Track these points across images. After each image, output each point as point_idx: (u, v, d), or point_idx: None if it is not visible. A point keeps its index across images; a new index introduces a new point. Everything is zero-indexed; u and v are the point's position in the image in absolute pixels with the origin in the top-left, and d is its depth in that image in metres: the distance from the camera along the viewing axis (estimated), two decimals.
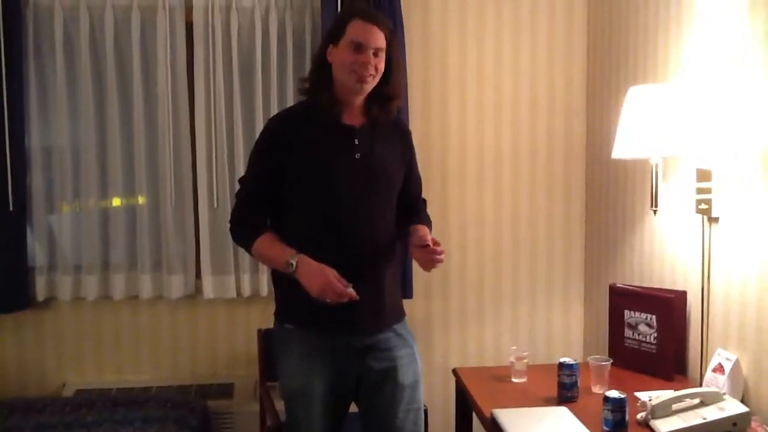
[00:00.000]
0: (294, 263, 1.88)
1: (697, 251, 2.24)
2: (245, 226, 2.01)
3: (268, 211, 2.01)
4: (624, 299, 2.47)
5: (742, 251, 2.03)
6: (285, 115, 2.08)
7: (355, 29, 1.91)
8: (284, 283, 1.98)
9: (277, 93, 3.05)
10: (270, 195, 1.98)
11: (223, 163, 3.06)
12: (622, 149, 2.33)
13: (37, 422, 2.60)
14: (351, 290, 1.85)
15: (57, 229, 3.07)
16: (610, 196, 2.96)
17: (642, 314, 2.39)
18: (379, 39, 1.92)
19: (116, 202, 3.07)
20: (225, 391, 3.06)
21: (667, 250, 2.47)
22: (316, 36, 3.03)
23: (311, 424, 1.96)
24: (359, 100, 1.99)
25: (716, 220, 2.14)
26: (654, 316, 2.35)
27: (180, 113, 3.05)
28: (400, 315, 2.10)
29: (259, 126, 3.03)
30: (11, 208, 2.91)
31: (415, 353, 2.08)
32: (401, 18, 2.98)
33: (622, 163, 2.70)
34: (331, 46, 1.94)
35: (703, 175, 2.16)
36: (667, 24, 2.44)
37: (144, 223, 3.06)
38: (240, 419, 2.96)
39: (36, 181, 3.02)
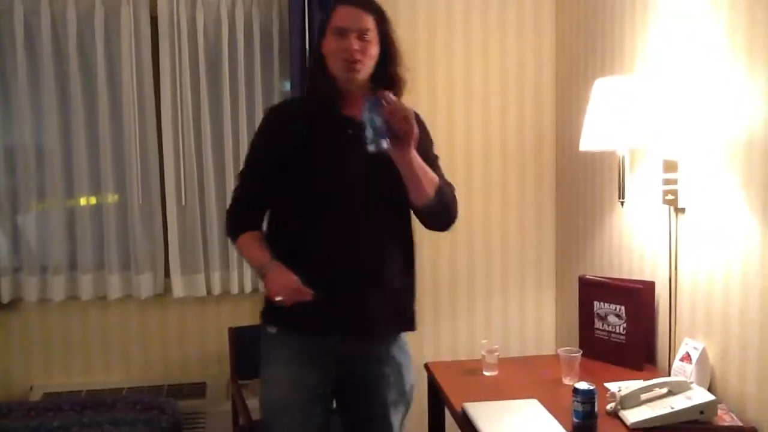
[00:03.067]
0: (265, 269, 1.83)
1: (665, 242, 2.25)
2: (237, 219, 1.97)
3: (265, 207, 1.96)
4: (593, 290, 2.49)
5: (709, 241, 2.05)
6: (284, 105, 2.06)
7: (338, 15, 1.85)
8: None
9: (245, 88, 3.02)
10: (269, 189, 1.91)
11: (191, 160, 3.02)
12: (589, 141, 2.34)
13: (1, 427, 2.54)
14: (306, 288, 1.76)
15: (22, 229, 3.01)
16: (579, 188, 2.97)
17: (611, 305, 2.41)
18: (363, 20, 1.83)
19: (83, 201, 3.02)
20: (197, 390, 3.03)
21: (635, 241, 2.49)
22: (283, 29, 3.00)
23: None
24: (359, 89, 1.86)
25: (683, 210, 2.16)
26: (623, 307, 2.37)
27: (146, 109, 3.00)
28: (400, 327, 1.98)
29: (227, 122, 3.01)
30: None
31: (402, 368, 1.97)
32: None
33: (590, 155, 2.71)
34: (323, 38, 1.89)
35: (670, 166, 2.18)
36: (633, 15, 2.45)
37: (111, 222, 3.01)
38: (212, 419, 2.93)
39: (0, 181, 2.96)
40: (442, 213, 1.92)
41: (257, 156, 1.97)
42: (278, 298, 1.79)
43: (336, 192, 1.85)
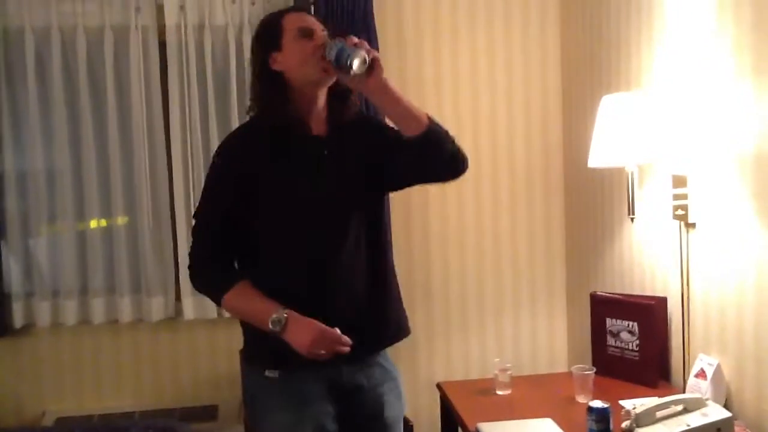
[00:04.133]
0: (283, 320, 1.67)
1: (676, 257, 2.24)
2: (210, 271, 1.78)
3: (234, 250, 1.78)
4: (605, 307, 2.48)
5: (720, 256, 2.04)
6: (239, 139, 1.82)
7: (293, 20, 1.74)
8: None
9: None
10: (233, 230, 1.75)
11: (201, 183, 3.02)
12: (597, 158, 2.34)
13: None
14: (345, 338, 1.68)
15: (34, 253, 3.03)
16: (588, 204, 2.97)
17: (623, 322, 2.39)
18: (318, 23, 1.76)
19: (93, 224, 3.03)
20: (209, 413, 3.02)
21: (645, 256, 2.48)
22: None
23: None
24: (322, 102, 1.77)
25: (693, 225, 2.16)
26: (635, 323, 2.36)
27: (155, 133, 3.03)
28: (398, 338, 1.90)
29: None
30: None
31: (399, 384, 1.93)
32: (375, 35, 2.98)
33: (598, 172, 2.71)
34: (272, 53, 1.73)
35: (679, 181, 2.18)
36: (639, 32, 2.46)
37: (122, 246, 3.03)
38: None
39: (11, 205, 2.99)
40: (446, 141, 1.73)
41: (220, 196, 1.77)
42: (321, 352, 1.67)
43: (314, 220, 1.74)
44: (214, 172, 1.80)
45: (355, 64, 1.58)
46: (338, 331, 1.68)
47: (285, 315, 1.67)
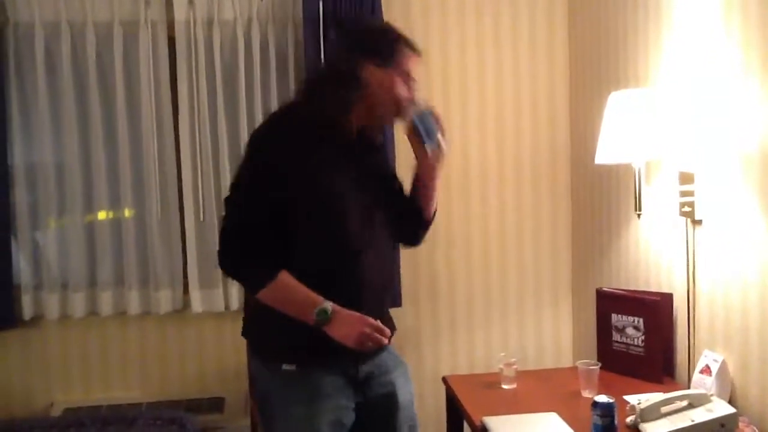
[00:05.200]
0: (329, 313, 1.68)
1: (682, 253, 2.25)
2: (251, 260, 1.73)
3: (270, 241, 1.74)
4: (611, 303, 2.48)
5: (726, 252, 2.04)
6: (281, 130, 1.78)
7: (410, 61, 1.80)
8: (278, 318, 1.74)
9: (261, 105, 3.05)
10: (271, 220, 1.73)
11: (209, 176, 3.05)
12: (604, 154, 2.35)
13: None
14: (387, 330, 1.73)
15: (43, 245, 3.05)
16: (595, 201, 2.97)
17: (629, 317, 2.40)
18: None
19: (102, 216, 3.05)
20: (215, 405, 3.04)
21: (652, 253, 2.49)
22: (298, 48, 3.04)
23: None
24: (355, 128, 1.84)
25: (699, 222, 2.16)
26: (641, 319, 2.36)
27: (164, 127, 3.05)
28: (393, 331, 1.92)
29: (244, 138, 3.04)
30: None
31: (407, 370, 1.99)
32: None
33: (605, 168, 2.72)
34: (372, 64, 1.75)
35: (686, 178, 2.18)
36: (646, 29, 2.46)
37: (130, 239, 3.05)
38: None
39: (20, 198, 3.01)
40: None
41: (262, 185, 1.73)
42: (369, 344, 1.71)
43: (346, 219, 1.77)
44: (257, 162, 1.76)
45: (435, 140, 1.83)
46: (380, 323, 1.73)
47: (330, 308, 1.69)
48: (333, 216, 1.75)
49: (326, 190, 1.75)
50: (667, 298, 2.34)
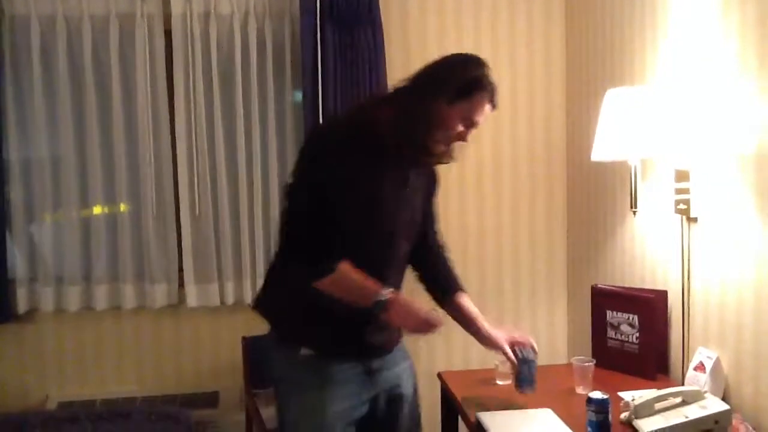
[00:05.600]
0: (386, 300, 1.71)
1: (677, 251, 2.26)
2: (316, 252, 1.74)
3: (330, 236, 1.75)
4: (606, 300, 2.49)
5: (721, 250, 2.05)
6: (348, 140, 1.76)
7: (481, 108, 1.75)
8: (305, 305, 1.79)
9: (258, 99, 3.05)
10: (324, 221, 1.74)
11: (205, 171, 3.05)
12: (600, 151, 2.35)
13: None
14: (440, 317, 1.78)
15: (38, 240, 3.05)
16: (591, 198, 2.98)
17: (624, 314, 2.41)
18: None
19: (97, 210, 3.05)
20: (210, 400, 3.04)
21: (647, 250, 2.49)
22: (295, 42, 3.03)
23: None
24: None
25: (695, 220, 2.17)
26: (636, 316, 2.37)
27: (160, 121, 3.04)
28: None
29: (240, 132, 3.04)
30: None
31: (412, 363, 2.06)
32: (381, 28, 2.99)
33: (601, 166, 2.72)
34: (446, 101, 1.72)
35: (681, 176, 2.19)
36: (643, 27, 2.46)
37: (126, 233, 3.05)
38: (226, 428, 2.95)
39: (15, 192, 3.00)
40: None
41: (323, 188, 1.73)
42: (425, 331, 1.74)
43: (387, 233, 1.83)
44: (330, 164, 1.73)
45: (534, 386, 1.98)
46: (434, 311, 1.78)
47: (388, 296, 1.72)
48: (373, 226, 1.79)
49: (380, 206, 1.79)
50: (661, 296, 2.35)
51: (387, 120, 1.77)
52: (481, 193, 3.22)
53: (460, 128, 1.75)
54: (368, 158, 1.75)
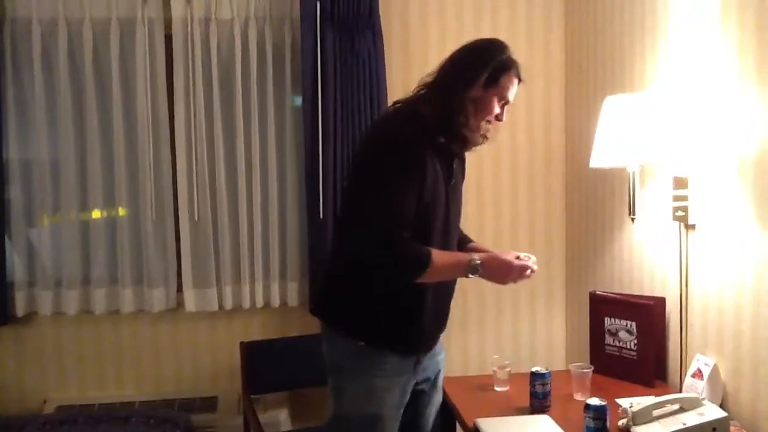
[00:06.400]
0: (478, 262, 1.86)
1: (675, 258, 2.26)
2: (414, 246, 1.81)
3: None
4: (604, 306, 2.49)
5: (719, 257, 2.05)
6: (418, 138, 1.84)
7: (510, 84, 1.88)
8: (367, 303, 1.88)
9: (257, 104, 3.06)
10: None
11: (204, 175, 3.05)
12: (599, 158, 2.36)
13: None
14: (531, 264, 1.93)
15: (36, 243, 3.05)
16: (589, 204, 2.99)
17: (622, 321, 2.41)
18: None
19: (96, 214, 3.05)
20: (208, 404, 3.04)
21: (645, 257, 2.50)
22: (295, 47, 3.04)
23: None
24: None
25: (693, 227, 2.17)
26: (634, 323, 2.37)
27: (160, 125, 3.04)
28: None
29: (240, 137, 3.04)
30: None
31: (445, 354, 2.17)
32: (381, 33, 2.99)
33: (600, 172, 2.73)
34: (481, 87, 1.84)
35: (680, 183, 2.19)
36: (643, 34, 2.47)
37: (124, 237, 3.05)
38: None
39: (15, 194, 3.00)
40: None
41: (410, 183, 1.79)
42: (517, 279, 1.92)
43: (445, 225, 1.93)
44: (400, 170, 1.78)
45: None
46: (529, 258, 1.94)
47: (478, 260, 1.86)
48: (435, 217, 1.87)
49: (439, 198, 1.88)
50: (659, 302, 2.35)
51: (430, 117, 1.85)
52: (481, 198, 3.23)
53: (497, 109, 1.88)
54: (430, 157, 1.83)
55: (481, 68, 1.85)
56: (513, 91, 1.90)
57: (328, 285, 1.99)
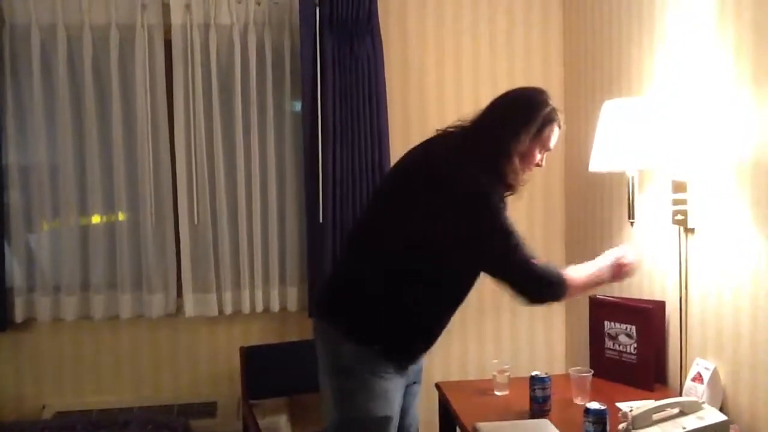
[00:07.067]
0: (608, 273, 2.07)
1: (675, 262, 2.26)
2: (558, 275, 2.01)
3: None
4: (604, 310, 2.50)
5: (719, 261, 2.06)
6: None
7: (554, 135, 1.98)
8: (383, 315, 1.95)
9: (257, 109, 3.06)
10: None
11: (204, 180, 3.05)
12: (598, 162, 2.36)
13: None
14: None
15: (35, 248, 3.05)
16: (588, 208, 2.99)
17: (622, 325, 2.41)
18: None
19: (96, 219, 3.05)
20: (208, 410, 3.03)
21: (644, 261, 2.50)
22: (295, 53, 3.05)
23: None
24: None
25: (692, 230, 2.18)
26: (633, 327, 2.38)
27: (159, 131, 3.05)
28: None
29: (239, 143, 3.05)
30: None
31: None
32: (379, 36, 3.00)
33: (599, 176, 2.73)
34: (528, 139, 1.94)
35: (679, 187, 2.20)
36: (640, 38, 2.48)
37: (124, 242, 3.05)
38: None
39: (14, 199, 3.00)
40: None
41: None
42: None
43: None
44: (503, 212, 1.97)
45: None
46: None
47: (610, 270, 2.08)
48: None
49: None
50: (659, 306, 2.36)
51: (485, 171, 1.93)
52: None
53: (539, 157, 1.99)
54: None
55: (528, 124, 1.93)
56: (555, 140, 2.00)
57: (353, 296, 2.00)
